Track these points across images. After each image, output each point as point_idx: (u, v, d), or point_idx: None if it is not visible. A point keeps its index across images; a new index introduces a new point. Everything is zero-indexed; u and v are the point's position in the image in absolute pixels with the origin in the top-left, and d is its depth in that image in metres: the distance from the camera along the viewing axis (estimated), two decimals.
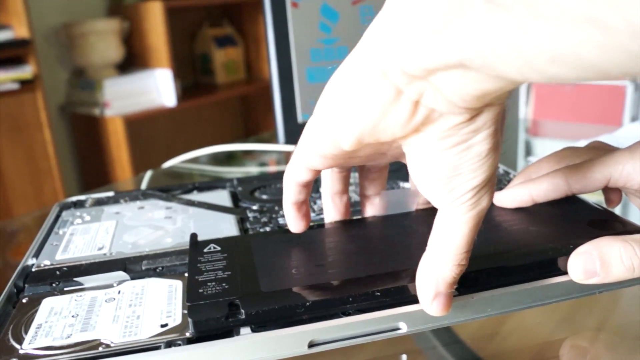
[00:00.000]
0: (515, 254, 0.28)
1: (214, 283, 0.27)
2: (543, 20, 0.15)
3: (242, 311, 0.25)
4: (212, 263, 0.29)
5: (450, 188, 0.22)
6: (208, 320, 0.24)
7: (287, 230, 0.31)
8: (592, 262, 0.26)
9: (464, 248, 0.23)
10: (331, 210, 0.33)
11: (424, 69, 0.19)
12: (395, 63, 0.20)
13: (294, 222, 0.31)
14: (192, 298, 0.25)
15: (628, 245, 0.25)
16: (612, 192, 0.33)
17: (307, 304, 0.25)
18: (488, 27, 0.16)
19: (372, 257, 0.29)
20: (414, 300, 0.25)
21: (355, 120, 0.22)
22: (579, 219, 0.31)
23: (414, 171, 0.24)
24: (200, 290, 0.26)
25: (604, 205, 0.34)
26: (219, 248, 0.30)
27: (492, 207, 0.34)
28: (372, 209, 0.34)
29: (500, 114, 0.22)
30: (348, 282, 0.26)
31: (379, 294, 0.26)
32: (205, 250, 0.30)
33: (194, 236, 0.32)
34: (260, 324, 0.25)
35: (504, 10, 0.16)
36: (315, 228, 0.32)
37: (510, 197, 0.33)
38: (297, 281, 0.27)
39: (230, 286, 0.26)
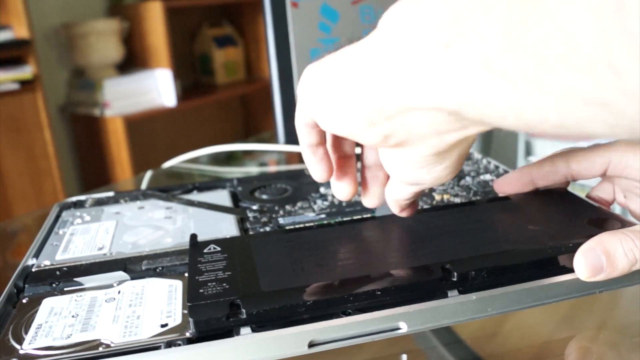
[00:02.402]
0: (514, 253, 0.28)
1: (214, 283, 0.27)
2: (550, 96, 0.15)
3: (243, 311, 0.25)
4: (213, 263, 0.29)
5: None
6: (209, 320, 0.24)
7: (287, 230, 0.31)
8: (597, 258, 0.26)
9: None
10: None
11: (404, 107, 0.20)
12: (376, 101, 0.21)
13: (313, 167, 0.29)
14: (192, 298, 0.25)
15: (627, 238, 0.26)
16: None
17: (308, 303, 0.25)
18: (489, 92, 0.17)
19: (373, 256, 0.29)
20: (414, 300, 0.25)
21: (332, 120, 0.24)
22: (578, 218, 0.32)
23: (385, 164, 0.26)
24: (201, 290, 0.26)
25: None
26: (219, 248, 0.30)
27: (492, 206, 0.34)
28: (374, 180, 0.31)
29: (470, 145, 0.24)
30: (348, 281, 0.27)
31: (379, 293, 0.26)
32: (205, 250, 0.30)
33: (193, 237, 0.31)
34: (260, 324, 0.25)
35: (508, 83, 0.16)
36: (315, 228, 0.32)
37: (510, 180, 0.34)
38: (298, 281, 0.27)
39: (231, 286, 0.26)
